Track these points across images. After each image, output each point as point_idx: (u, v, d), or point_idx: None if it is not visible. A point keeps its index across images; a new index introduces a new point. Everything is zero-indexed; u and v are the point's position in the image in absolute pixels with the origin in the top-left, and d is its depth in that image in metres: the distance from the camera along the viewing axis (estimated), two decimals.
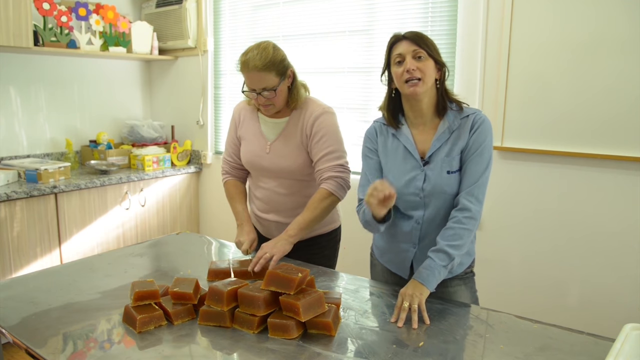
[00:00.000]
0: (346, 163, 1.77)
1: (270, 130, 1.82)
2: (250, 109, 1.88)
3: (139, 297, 1.29)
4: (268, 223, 1.89)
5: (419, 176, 1.46)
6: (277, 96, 1.69)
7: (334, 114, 1.80)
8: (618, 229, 2.12)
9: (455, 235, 1.39)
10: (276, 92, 1.68)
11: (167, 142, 3.66)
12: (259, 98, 1.70)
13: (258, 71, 1.63)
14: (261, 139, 1.82)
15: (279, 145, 1.79)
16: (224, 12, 3.37)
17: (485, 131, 1.43)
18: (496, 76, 2.34)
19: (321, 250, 1.91)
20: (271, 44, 1.69)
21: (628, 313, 2.10)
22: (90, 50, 3.13)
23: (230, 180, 1.95)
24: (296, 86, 1.77)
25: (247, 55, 1.66)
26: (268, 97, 1.68)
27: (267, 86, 1.66)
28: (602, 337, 1.23)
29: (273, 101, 1.70)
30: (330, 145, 1.74)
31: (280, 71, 1.67)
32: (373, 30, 2.74)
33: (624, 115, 2.05)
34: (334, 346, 1.19)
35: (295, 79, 1.77)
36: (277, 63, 1.66)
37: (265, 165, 1.81)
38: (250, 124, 1.86)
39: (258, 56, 1.63)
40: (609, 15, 2.04)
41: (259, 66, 1.63)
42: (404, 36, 1.43)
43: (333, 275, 1.67)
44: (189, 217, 3.55)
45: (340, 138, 1.79)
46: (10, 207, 2.56)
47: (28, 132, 3.15)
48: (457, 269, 1.52)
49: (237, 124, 1.90)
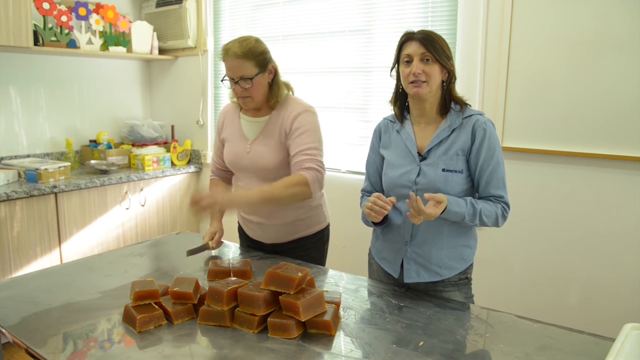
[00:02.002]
0: (322, 163, 1.72)
1: (250, 129, 1.83)
2: (233, 111, 1.90)
3: (139, 297, 1.29)
4: (253, 225, 1.90)
5: (413, 170, 1.50)
6: (254, 87, 1.70)
7: (316, 114, 1.79)
8: (618, 228, 2.12)
9: (489, 206, 1.44)
10: (252, 82, 1.69)
11: (167, 141, 3.66)
12: (237, 88, 1.71)
13: (237, 58, 1.66)
14: (242, 139, 1.83)
15: (259, 144, 1.79)
16: (224, 12, 3.38)
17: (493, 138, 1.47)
18: (496, 76, 2.34)
19: (307, 252, 1.90)
20: (254, 37, 1.72)
21: (628, 313, 2.10)
22: (90, 50, 3.13)
23: (213, 179, 2.02)
24: (277, 83, 1.78)
25: (228, 44, 1.70)
26: (245, 87, 1.69)
27: (244, 75, 1.68)
28: (602, 337, 1.23)
29: (250, 92, 1.71)
30: (311, 142, 1.71)
31: (259, 62, 1.69)
32: (373, 30, 2.74)
33: (624, 115, 2.05)
34: (334, 346, 1.19)
35: (277, 76, 1.78)
36: (257, 54, 1.69)
37: (245, 165, 1.82)
38: (232, 125, 1.88)
39: (238, 45, 1.67)
40: (609, 15, 2.04)
41: (237, 53, 1.66)
42: (415, 36, 1.45)
43: (332, 275, 1.67)
44: (188, 217, 3.54)
45: (321, 137, 1.76)
46: (10, 207, 2.56)
47: (28, 132, 3.15)
48: (449, 272, 1.52)
49: (221, 127, 1.94)
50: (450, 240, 1.51)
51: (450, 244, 1.51)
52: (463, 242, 1.53)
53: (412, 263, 1.53)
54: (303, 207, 1.84)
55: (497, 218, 1.45)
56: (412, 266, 1.53)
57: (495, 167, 1.46)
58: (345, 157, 2.92)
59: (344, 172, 2.92)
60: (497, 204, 1.46)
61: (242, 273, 1.56)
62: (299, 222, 1.86)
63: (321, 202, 1.94)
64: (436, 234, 1.50)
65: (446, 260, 1.51)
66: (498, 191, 1.46)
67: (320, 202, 1.93)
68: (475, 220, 1.43)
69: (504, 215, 1.47)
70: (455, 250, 1.52)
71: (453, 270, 1.53)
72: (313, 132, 1.73)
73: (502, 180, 1.48)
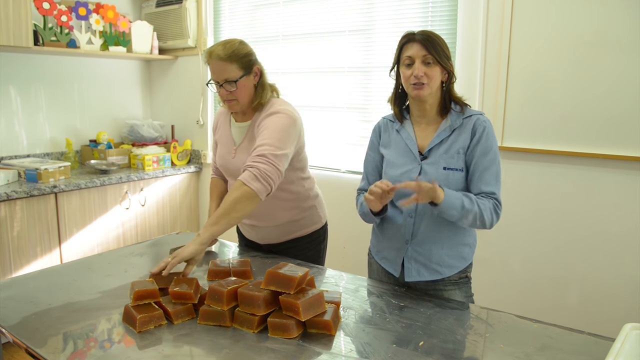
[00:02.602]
0: (272, 156, 1.57)
1: (237, 133, 1.82)
2: (227, 114, 1.89)
3: (139, 297, 1.29)
4: (247, 227, 1.90)
5: (414, 169, 1.50)
6: (238, 90, 1.68)
7: (290, 117, 1.68)
8: (618, 228, 2.12)
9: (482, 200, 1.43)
10: (237, 85, 1.66)
11: (167, 141, 3.66)
12: (222, 91, 1.69)
13: (220, 60, 1.64)
14: (230, 143, 1.83)
15: (242, 149, 1.78)
16: (224, 11, 3.38)
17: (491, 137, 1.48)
18: (496, 76, 2.34)
19: (303, 252, 1.90)
20: (239, 40, 1.71)
21: (628, 313, 2.10)
22: (90, 49, 3.13)
23: (213, 179, 2.01)
24: (262, 85, 1.75)
25: (212, 47, 1.68)
26: (230, 89, 1.67)
27: (228, 77, 1.66)
28: (602, 337, 1.23)
29: (235, 95, 1.69)
30: (264, 139, 1.62)
31: (243, 65, 1.67)
32: (373, 30, 2.74)
33: (625, 115, 2.05)
34: (334, 346, 1.19)
35: (263, 78, 1.76)
36: (241, 56, 1.67)
37: (232, 169, 1.82)
38: (223, 129, 1.88)
39: (221, 47, 1.66)
40: (609, 15, 2.04)
41: (221, 55, 1.64)
42: (416, 38, 1.45)
43: (332, 275, 1.67)
44: (189, 217, 3.55)
45: (282, 136, 1.63)
46: (10, 207, 2.56)
47: (28, 132, 3.15)
48: (449, 271, 1.53)
49: (215, 129, 1.94)
50: (450, 239, 1.52)
51: (451, 243, 1.52)
52: (463, 241, 1.54)
53: (413, 262, 1.53)
54: (295, 208, 1.84)
55: (490, 211, 1.43)
56: (413, 265, 1.53)
57: (490, 164, 1.46)
58: (345, 157, 2.92)
59: (343, 172, 2.92)
60: (488, 199, 1.45)
61: (242, 273, 1.56)
62: (293, 223, 1.85)
63: (315, 203, 1.92)
64: (437, 233, 1.51)
65: (446, 258, 1.52)
66: (489, 187, 1.45)
67: (314, 202, 1.92)
68: (473, 208, 1.40)
69: (496, 211, 1.45)
70: (455, 248, 1.53)
71: (453, 268, 1.53)
72: (274, 130, 1.63)
73: (495, 177, 1.47)
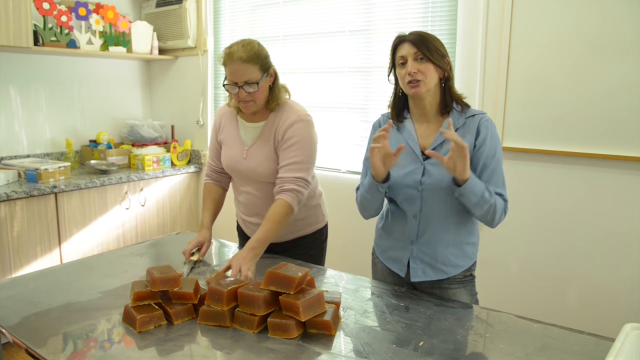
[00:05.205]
0: (309, 177, 1.73)
1: (248, 134, 1.82)
2: (231, 114, 1.88)
3: (139, 297, 1.29)
4: (253, 226, 1.90)
5: (417, 169, 1.49)
6: (259, 91, 1.68)
7: (310, 122, 1.77)
8: (618, 229, 2.12)
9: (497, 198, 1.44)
10: (258, 87, 1.67)
11: (167, 141, 3.66)
12: (240, 92, 1.68)
13: (242, 62, 1.64)
14: (239, 144, 1.82)
15: (255, 150, 1.78)
16: (223, 12, 3.37)
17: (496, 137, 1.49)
18: (496, 76, 2.34)
19: (306, 250, 1.91)
20: (256, 41, 1.71)
21: (628, 313, 2.10)
22: (90, 50, 3.13)
23: (207, 184, 1.97)
24: (277, 86, 1.77)
25: (231, 48, 1.67)
26: (249, 91, 1.67)
27: (249, 79, 1.65)
28: (602, 337, 1.23)
29: (254, 97, 1.69)
30: (298, 155, 1.70)
31: (263, 66, 1.68)
32: (373, 30, 2.74)
33: (625, 115, 2.05)
34: (334, 346, 1.19)
35: (277, 79, 1.77)
36: (262, 57, 1.67)
37: (242, 170, 1.82)
38: (230, 129, 1.87)
39: (243, 48, 1.65)
40: (610, 16, 2.04)
41: (243, 57, 1.63)
42: (407, 38, 1.46)
43: (332, 275, 1.67)
44: (189, 217, 3.55)
45: (312, 150, 1.75)
46: (10, 207, 2.56)
47: (28, 132, 3.15)
48: (454, 270, 1.53)
49: (218, 128, 1.92)
50: (455, 238, 1.52)
51: (455, 242, 1.52)
52: (467, 240, 1.54)
53: (419, 262, 1.53)
54: (302, 207, 1.84)
55: (501, 210, 1.45)
56: (419, 265, 1.53)
57: (497, 165, 1.48)
58: (345, 157, 2.92)
59: (344, 172, 2.92)
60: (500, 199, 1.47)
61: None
62: (298, 221, 1.86)
63: (320, 202, 1.95)
64: (442, 232, 1.51)
65: (451, 258, 1.52)
66: (498, 189, 1.46)
67: (319, 201, 1.94)
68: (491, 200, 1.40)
69: (505, 212, 1.48)
70: (459, 247, 1.53)
71: (458, 268, 1.53)
72: (304, 144, 1.72)
73: (502, 178, 1.49)
